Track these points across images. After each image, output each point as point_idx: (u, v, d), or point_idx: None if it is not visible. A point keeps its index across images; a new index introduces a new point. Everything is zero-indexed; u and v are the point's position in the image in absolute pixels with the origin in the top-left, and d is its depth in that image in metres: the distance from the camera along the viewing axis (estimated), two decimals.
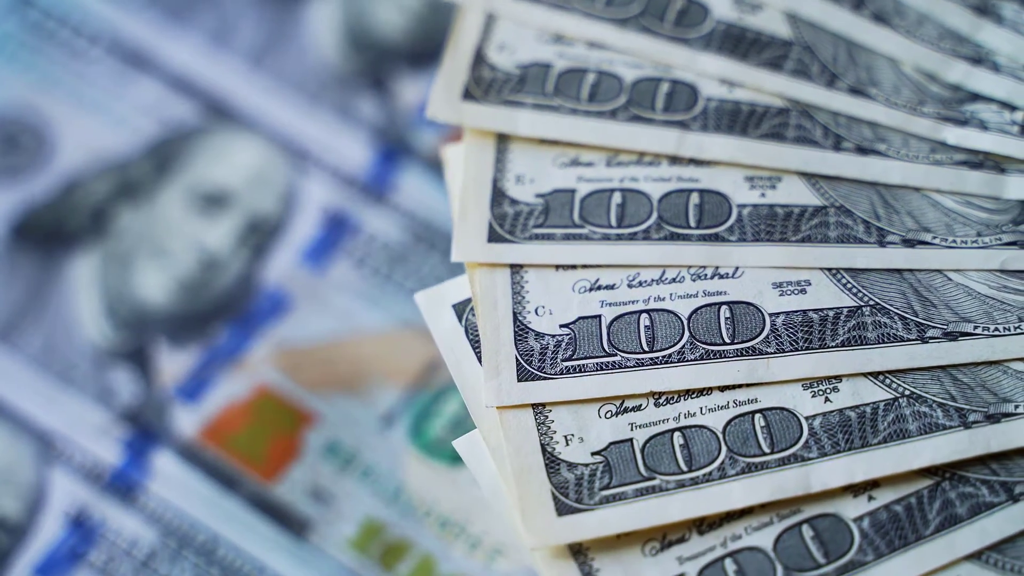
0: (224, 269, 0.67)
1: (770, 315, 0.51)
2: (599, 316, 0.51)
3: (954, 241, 0.52)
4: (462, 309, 0.52)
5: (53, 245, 0.68)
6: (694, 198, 0.53)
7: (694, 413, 0.49)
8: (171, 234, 0.68)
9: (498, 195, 0.54)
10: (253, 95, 0.71)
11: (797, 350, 0.50)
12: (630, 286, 0.52)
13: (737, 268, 0.52)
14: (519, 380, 0.50)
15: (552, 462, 0.49)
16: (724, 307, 0.51)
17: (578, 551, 0.48)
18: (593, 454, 0.49)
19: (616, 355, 0.50)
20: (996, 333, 0.50)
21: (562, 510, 0.48)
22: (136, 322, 0.66)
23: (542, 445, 0.49)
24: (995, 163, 0.53)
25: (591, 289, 0.52)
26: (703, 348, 0.50)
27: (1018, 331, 0.50)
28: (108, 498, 0.63)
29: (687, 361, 0.50)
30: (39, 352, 0.66)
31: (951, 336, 0.50)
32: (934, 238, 0.52)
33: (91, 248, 0.68)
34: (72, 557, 0.62)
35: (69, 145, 0.70)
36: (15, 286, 0.67)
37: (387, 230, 0.68)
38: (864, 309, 0.51)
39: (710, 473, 0.48)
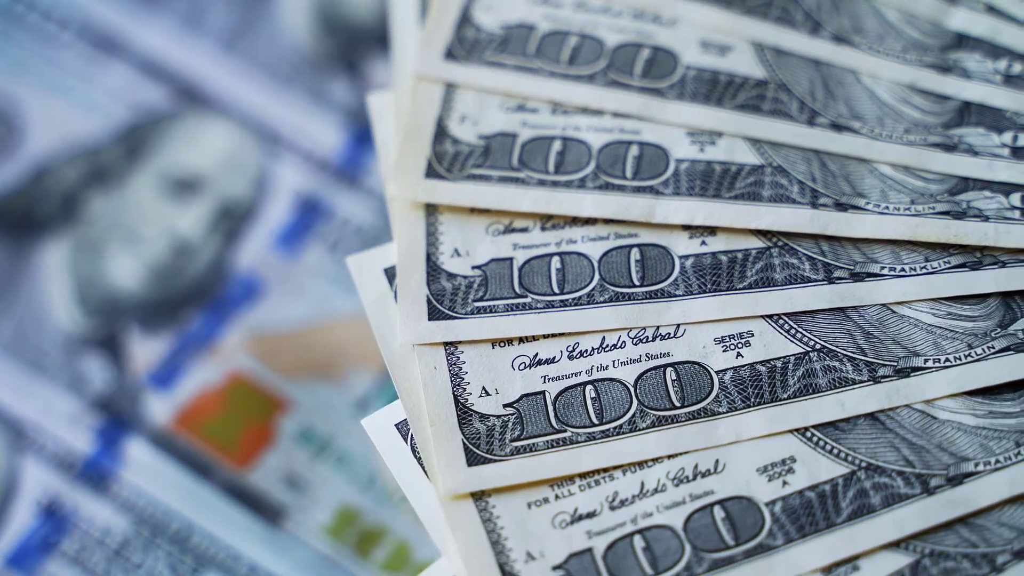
0: (196, 255, 0.67)
1: (676, 160, 0.54)
2: None
3: (878, 50, 0.55)
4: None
5: (23, 232, 0.67)
6: (645, 53, 0.56)
7: (575, 239, 0.53)
8: (142, 220, 0.67)
9: None
10: (225, 79, 0.70)
11: (692, 193, 0.53)
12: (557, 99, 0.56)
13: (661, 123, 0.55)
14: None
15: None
16: (635, 146, 0.54)
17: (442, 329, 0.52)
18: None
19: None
20: (878, 137, 0.54)
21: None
22: (108, 309, 0.66)
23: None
24: None
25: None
26: (604, 180, 0.53)
27: (900, 141, 0.53)
28: (80, 487, 0.62)
29: (591, 190, 0.53)
30: (10, 340, 0.65)
31: (837, 127, 0.54)
32: (861, 42, 0.55)
33: (62, 235, 0.67)
34: (44, 547, 0.62)
35: (39, 131, 0.69)
36: None
37: (360, 214, 0.67)
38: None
39: (580, 296, 0.52)
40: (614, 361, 0.50)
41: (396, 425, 0.50)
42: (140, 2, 0.72)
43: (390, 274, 0.52)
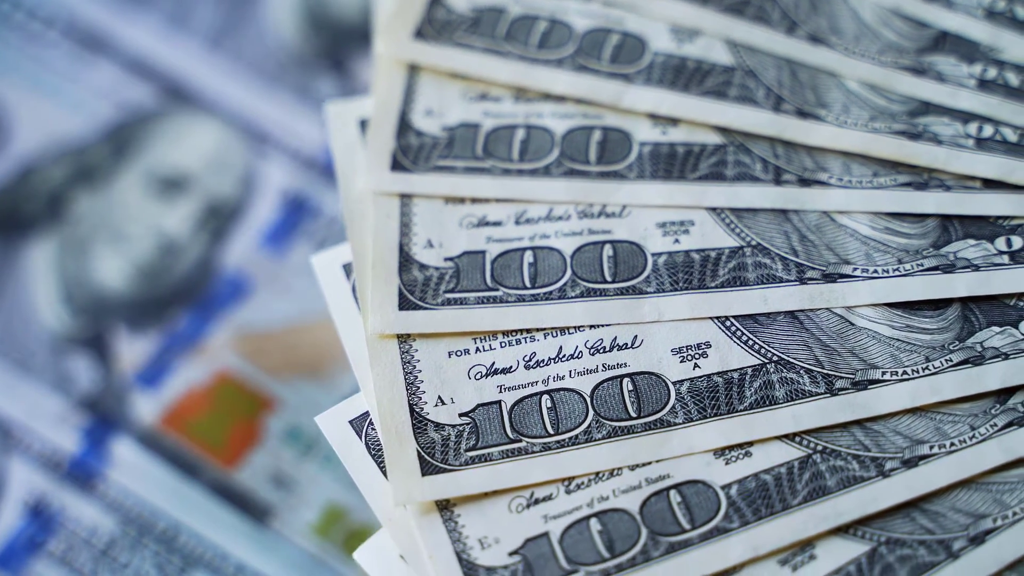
0: (183, 253, 0.67)
1: (653, 52, 0.56)
2: None
3: None
4: None
5: (9, 231, 0.67)
6: None
7: (543, 114, 0.55)
8: (129, 219, 0.67)
9: None
10: (211, 77, 0.70)
11: (662, 85, 0.55)
12: None
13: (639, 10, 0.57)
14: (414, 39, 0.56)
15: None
16: (616, 34, 0.56)
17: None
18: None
19: None
20: (851, 54, 0.55)
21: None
22: (94, 308, 0.66)
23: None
24: None
25: None
26: (580, 62, 0.55)
27: (871, 60, 0.55)
28: (67, 486, 0.62)
29: (567, 69, 0.55)
30: None
31: (813, 40, 0.55)
32: None
33: (48, 234, 0.67)
34: (31, 547, 0.61)
35: (25, 130, 0.69)
36: None
37: None
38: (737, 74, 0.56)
39: (537, 168, 0.54)
40: (557, 232, 0.52)
41: (343, 266, 0.53)
42: (126, 0, 0.71)
43: (364, 126, 0.55)
